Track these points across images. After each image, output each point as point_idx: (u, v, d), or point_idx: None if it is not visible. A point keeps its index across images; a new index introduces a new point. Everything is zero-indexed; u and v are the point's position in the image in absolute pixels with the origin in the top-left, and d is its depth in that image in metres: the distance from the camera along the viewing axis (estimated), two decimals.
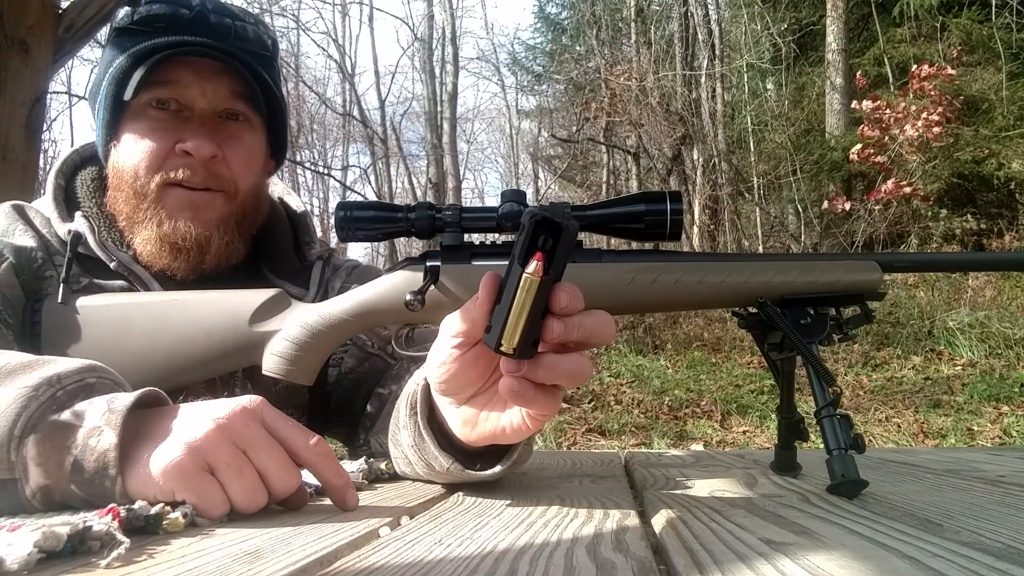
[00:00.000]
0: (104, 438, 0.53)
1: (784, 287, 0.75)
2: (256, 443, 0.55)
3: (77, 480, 0.53)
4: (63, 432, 0.54)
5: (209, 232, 0.93)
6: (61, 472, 0.53)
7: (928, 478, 0.78)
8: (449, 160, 12.51)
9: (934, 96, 6.83)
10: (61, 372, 0.58)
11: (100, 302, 0.84)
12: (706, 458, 1.05)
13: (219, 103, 0.93)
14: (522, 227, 0.48)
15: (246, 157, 0.96)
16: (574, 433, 5.05)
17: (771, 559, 0.40)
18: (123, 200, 0.93)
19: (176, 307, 0.82)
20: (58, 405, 0.55)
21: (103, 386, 0.60)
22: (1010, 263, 0.90)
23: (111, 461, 0.53)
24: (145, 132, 0.91)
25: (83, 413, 0.55)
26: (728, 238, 8.43)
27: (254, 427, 0.55)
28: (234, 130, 0.95)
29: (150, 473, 0.52)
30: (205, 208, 0.92)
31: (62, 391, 0.56)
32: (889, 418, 4.78)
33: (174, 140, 0.91)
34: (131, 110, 0.92)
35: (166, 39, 0.91)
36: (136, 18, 0.92)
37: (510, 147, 16.78)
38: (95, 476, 0.53)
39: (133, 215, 0.92)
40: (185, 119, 0.92)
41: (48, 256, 0.92)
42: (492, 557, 0.42)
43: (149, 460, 0.53)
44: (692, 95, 9.08)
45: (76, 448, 0.53)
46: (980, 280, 6.53)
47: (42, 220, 0.95)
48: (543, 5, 13.72)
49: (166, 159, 0.91)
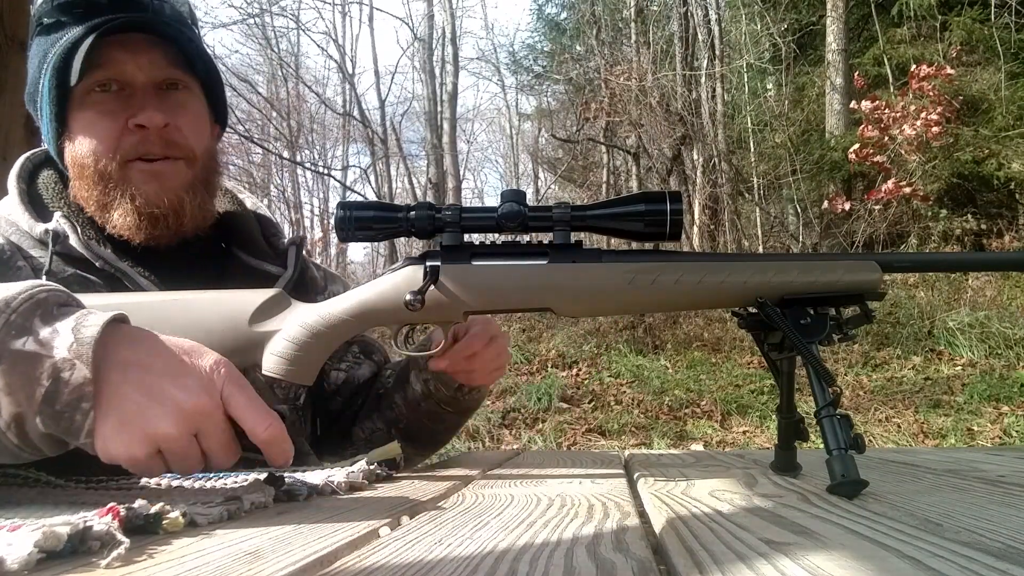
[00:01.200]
0: (77, 372, 0.54)
1: (784, 287, 0.75)
2: (207, 431, 0.59)
3: (45, 412, 0.54)
4: (30, 361, 0.54)
5: (180, 197, 0.95)
6: (32, 402, 0.54)
7: (928, 478, 0.78)
8: (449, 160, 12.50)
9: (933, 96, 6.83)
10: (7, 296, 0.57)
11: (100, 302, 0.83)
12: (706, 458, 1.05)
13: (157, 74, 0.95)
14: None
15: (195, 122, 0.99)
16: (574, 433, 5.05)
17: (771, 559, 0.40)
18: (88, 187, 0.94)
19: (176, 307, 0.82)
20: (16, 329, 0.55)
21: (56, 297, 0.60)
22: (1010, 263, 0.90)
23: (87, 395, 0.54)
24: (95, 117, 0.93)
25: (49, 342, 0.55)
26: (728, 238, 8.43)
27: (214, 418, 0.59)
28: (177, 98, 0.97)
29: (117, 427, 0.55)
30: (169, 176, 0.95)
31: (15, 314, 0.56)
32: (889, 418, 4.78)
33: (124, 118, 0.92)
34: (76, 100, 0.93)
35: (93, 22, 0.92)
36: (55, 4, 0.93)
37: (510, 147, 16.78)
38: (67, 408, 0.54)
39: (102, 198, 0.94)
40: (129, 96, 0.93)
41: (15, 249, 0.92)
42: (492, 557, 0.42)
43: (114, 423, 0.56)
44: (692, 95, 9.08)
45: (47, 379, 0.54)
46: (980, 280, 6.53)
47: (5, 222, 0.95)
48: (542, 6, 13.73)
49: (121, 137, 0.93)
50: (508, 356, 1.04)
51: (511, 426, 5.31)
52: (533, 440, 5.00)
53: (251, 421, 0.60)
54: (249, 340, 0.80)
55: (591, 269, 0.76)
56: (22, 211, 0.95)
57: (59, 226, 0.93)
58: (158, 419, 0.56)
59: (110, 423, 0.55)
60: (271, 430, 0.61)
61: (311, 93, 13.58)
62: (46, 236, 0.92)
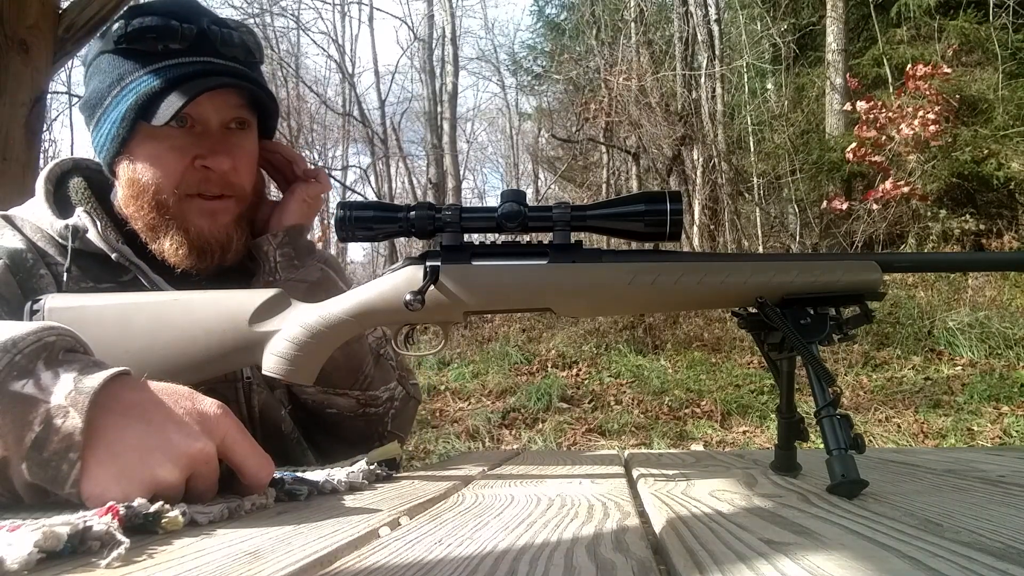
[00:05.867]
0: (70, 420, 0.52)
1: (784, 287, 0.75)
2: (202, 478, 0.58)
3: (32, 459, 0.52)
4: (26, 404, 0.52)
5: (230, 234, 1.00)
6: (20, 447, 0.52)
7: (928, 478, 0.78)
8: (449, 160, 12.50)
9: (930, 95, 6.83)
10: (16, 336, 0.55)
11: (100, 302, 0.84)
12: (706, 458, 1.05)
13: (227, 115, 0.99)
14: None
15: (249, 163, 1.03)
16: (574, 433, 5.05)
17: (771, 559, 0.40)
18: (142, 208, 0.98)
19: (176, 307, 0.82)
20: (19, 371, 0.54)
21: (64, 342, 0.58)
22: (1010, 263, 0.90)
23: (75, 445, 0.51)
24: (164, 150, 0.97)
25: (48, 387, 0.53)
26: (728, 238, 8.43)
27: (211, 466, 0.58)
28: (239, 138, 1.01)
29: (109, 477, 0.53)
30: (221, 213, 1.00)
31: (20, 355, 0.54)
32: (889, 418, 4.78)
33: (192, 155, 0.97)
34: (147, 127, 0.95)
35: (187, 61, 0.95)
36: (131, 30, 0.95)
37: (510, 147, 16.77)
38: (54, 457, 0.51)
39: (154, 223, 0.98)
40: (199, 134, 0.98)
41: (39, 257, 0.95)
42: (492, 557, 0.42)
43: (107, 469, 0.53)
44: (692, 95, 9.08)
45: (39, 424, 0.52)
46: (980, 280, 6.53)
47: (31, 227, 0.97)
48: (542, 6, 13.72)
49: (185, 173, 0.97)
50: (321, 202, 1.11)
51: (511, 426, 5.31)
52: (533, 440, 5.00)
53: (252, 468, 0.61)
54: (249, 340, 0.80)
55: (591, 269, 0.76)
56: (46, 208, 0.98)
57: (79, 221, 0.96)
58: (159, 466, 0.54)
59: (110, 472, 0.53)
60: (267, 478, 0.62)
61: (311, 93, 13.59)
62: (66, 232, 0.94)
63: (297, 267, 1.03)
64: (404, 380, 1.14)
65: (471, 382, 6.26)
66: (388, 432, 1.11)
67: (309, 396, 1.06)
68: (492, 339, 7.34)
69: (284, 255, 1.03)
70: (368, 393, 1.06)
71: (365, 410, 1.07)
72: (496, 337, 7.36)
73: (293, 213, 1.06)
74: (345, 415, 1.06)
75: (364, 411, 1.07)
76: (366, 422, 1.08)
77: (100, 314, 0.82)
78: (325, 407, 1.06)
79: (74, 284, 0.93)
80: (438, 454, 4.76)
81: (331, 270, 1.07)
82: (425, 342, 1.15)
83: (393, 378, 1.11)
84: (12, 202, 1.02)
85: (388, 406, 1.09)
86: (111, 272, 0.97)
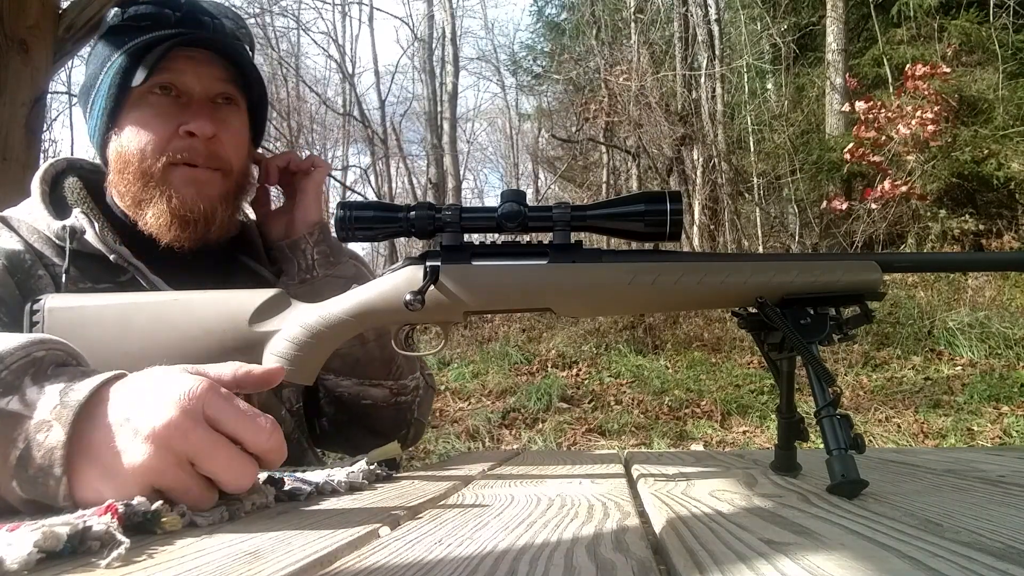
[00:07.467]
0: (52, 434, 0.50)
1: (784, 287, 0.75)
2: (199, 452, 0.52)
3: (20, 476, 0.50)
4: (10, 422, 0.51)
5: (214, 206, 1.00)
6: (5, 465, 0.50)
7: (928, 478, 0.78)
8: (449, 160, 12.50)
9: (929, 95, 6.82)
10: (3, 351, 0.53)
11: (100, 302, 0.84)
12: (706, 458, 1.05)
13: (213, 87, 1.01)
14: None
15: (236, 139, 1.04)
16: (574, 433, 5.05)
17: (771, 559, 0.40)
18: (129, 181, 0.98)
19: (176, 307, 0.82)
20: (5, 387, 0.52)
21: (54, 356, 0.56)
22: (1010, 263, 0.90)
23: (57, 460, 0.50)
24: (150, 117, 0.98)
25: (34, 403, 0.51)
26: (728, 238, 8.43)
27: (195, 435, 0.51)
28: (225, 114, 1.02)
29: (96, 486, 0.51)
30: (207, 184, 1.00)
31: (6, 371, 0.52)
32: (889, 418, 4.78)
33: (176, 123, 0.98)
34: (132, 99, 0.98)
35: (164, 32, 0.98)
36: (126, 16, 0.99)
37: (510, 147, 16.77)
38: (39, 473, 0.50)
39: (139, 195, 0.98)
40: (184, 104, 0.99)
41: (36, 258, 0.95)
42: (492, 557, 0.42)
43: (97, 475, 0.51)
44: (692, 95, 9.08)
45: (22, 441, 0.50)
46: (980, 280, 6.53)
47: (28, 228, 0.97)
48: (542, 7, 13.72)
49: (170, 140, 0.98)
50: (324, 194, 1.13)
51: (511, 426, 5.31)
52: (533, 440, 5.00)
53: (250, 433, 0.53)
54: (249, 340, 0.80)
55: (591, 269, 0.76)
56: (42, 208, 0.98)
57: (77, 222, 0.96)
58: (134, 453, 0.50)
59: (94, 474, 0.51)
60: (273, 439, 0.55)
61: (311, 93, 13.59)
62: (64, 232, 0.95)
63: (333, 263, 1.06)
64: (422, 370, 1.18)
65: (471, 382, 6.26)
66: (415, 419, 1.15)
67: (345, 389, 1.09)
68: (492, 339, 7.34)
69: (321, 252, 1.06)
70: (400, 382, 1.11)
71: (396, 399, 1.11)
72: (496, 337, 7.36)
73: (314, 209, 1.08)
74: (379, 405, 1.10)
75: (396, 400, 1.11)
76: (396, 410, 1.12)
77: (100, 314, 0.82)
78: (361, 399, 1.10)
79: (72, 285, 0.93)
80: (438, 454, 4.77)
81: (361, 264, 1.10)
82: (425, 342, 1.16)
83: (417, 367, 1.15)
84: (12, 202, 1.02)
85: (415, 394, 1.14)
86: (109, 273, 0.97)
